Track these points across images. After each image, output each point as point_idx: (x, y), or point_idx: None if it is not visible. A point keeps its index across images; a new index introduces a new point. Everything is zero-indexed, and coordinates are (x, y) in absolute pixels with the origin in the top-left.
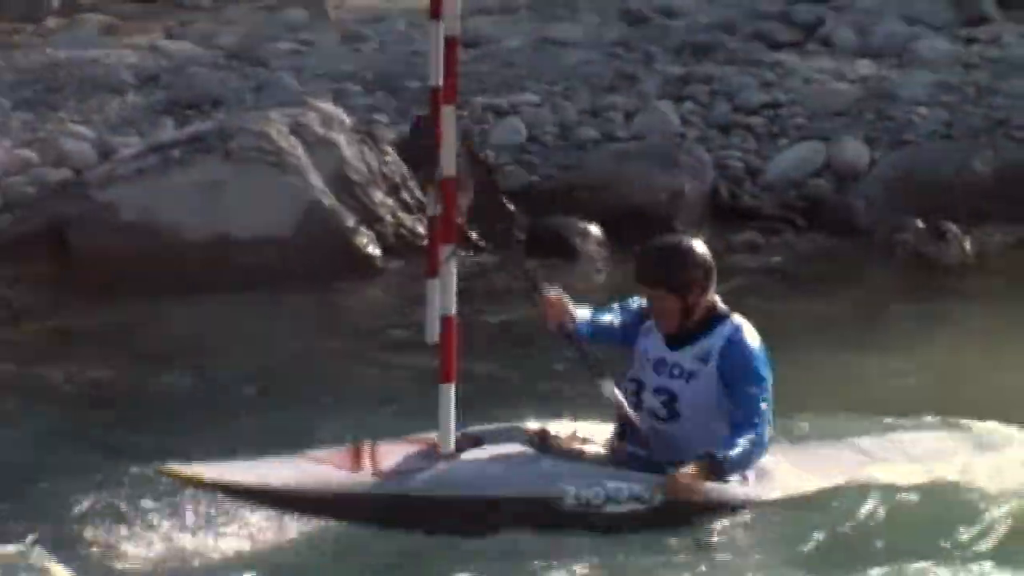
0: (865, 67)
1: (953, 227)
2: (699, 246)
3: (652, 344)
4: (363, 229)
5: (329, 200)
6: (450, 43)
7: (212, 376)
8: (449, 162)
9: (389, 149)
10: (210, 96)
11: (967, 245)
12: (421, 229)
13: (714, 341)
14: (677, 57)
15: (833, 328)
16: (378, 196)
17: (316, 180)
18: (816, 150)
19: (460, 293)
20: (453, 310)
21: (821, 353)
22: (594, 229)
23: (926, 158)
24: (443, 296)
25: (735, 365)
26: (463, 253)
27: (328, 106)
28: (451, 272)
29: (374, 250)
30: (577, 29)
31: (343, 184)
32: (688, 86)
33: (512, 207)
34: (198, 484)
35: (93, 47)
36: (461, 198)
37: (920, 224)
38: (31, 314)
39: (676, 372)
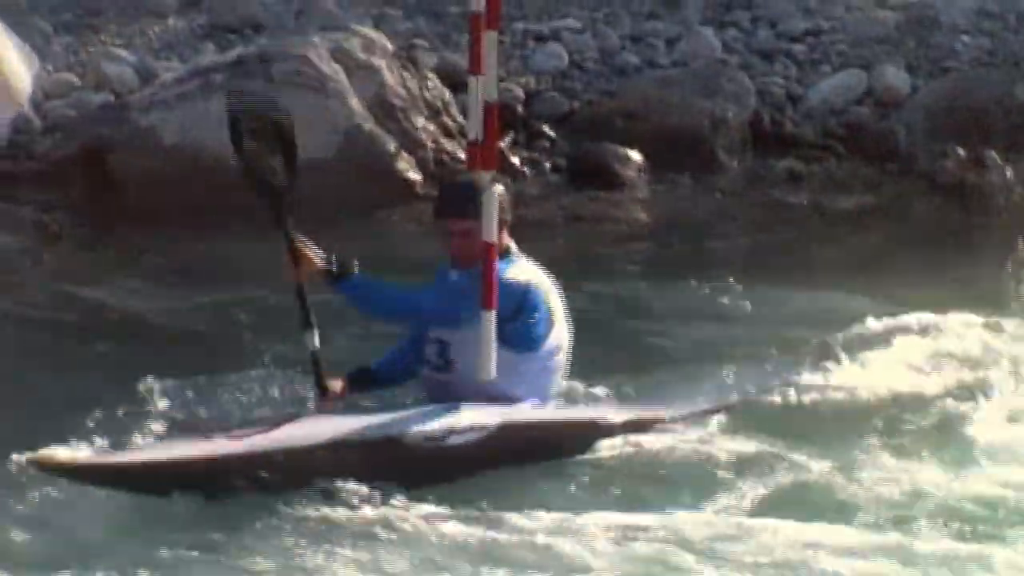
0: None
1: (994, 154)
2: (498, 184)
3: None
4: (404, 154)
5: (369, 125)
6: None
7: (251, 302)
8: (491, 88)
9: (430, 74)
10: (252, 20)
11: (1008, 172)
12: (462, 155)
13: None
14: None
15: (870, 255)
16: (419, 121)
17: (357, 105)
18: (857, 77)
19: None
20: (493, 237)
21: (859, 281)
22: (635, 155)
23: (967, 86)
24: (484, 223)
25: (504, 305)
26: (504, 180)
27: (370, 31)
28: (492, 199)
29: (414, 175)
30: None
31: (384, 109)
32: (730, 12)
33: (552, 133)
34: (70, 470)
35: None
36: None
37: (961, 151)
38: (70, 237)
39: (471, 316)
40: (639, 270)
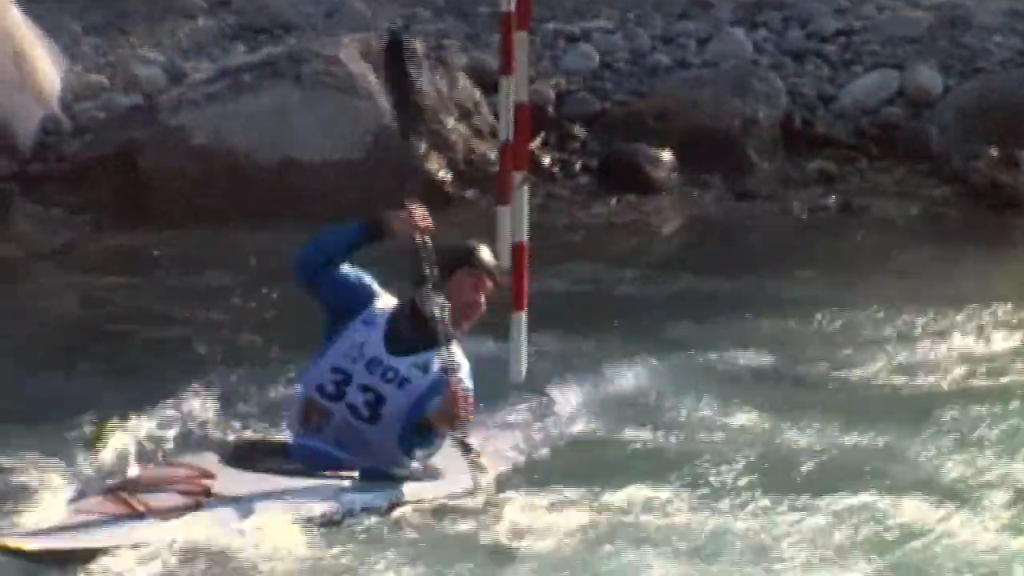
0: None
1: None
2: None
3: (370, 339)
4: (434, 155)
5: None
6: None
7: (284, 302)
8: (522, 89)
9: (460, 75)
10: (281, 20)
11: None
12: (492, 155)
13: (436, 358)
14: None
15: (903, 256)
16: (449, 122)
17: (387, 105)
18: (890, 77)
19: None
20: (525, 237)
21: (892, 283)
22: (666, 155)
23: (999, 86)
24: (514, 223)
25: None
26: (535, 180)
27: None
28: (523, 199)
29: (445, 175)
30: None
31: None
32: (761, 13)
33: (583, 134)
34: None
35: None
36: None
37: (993, 151)
38: (100, 237)
39: (390, 376)
40: (667, 272)
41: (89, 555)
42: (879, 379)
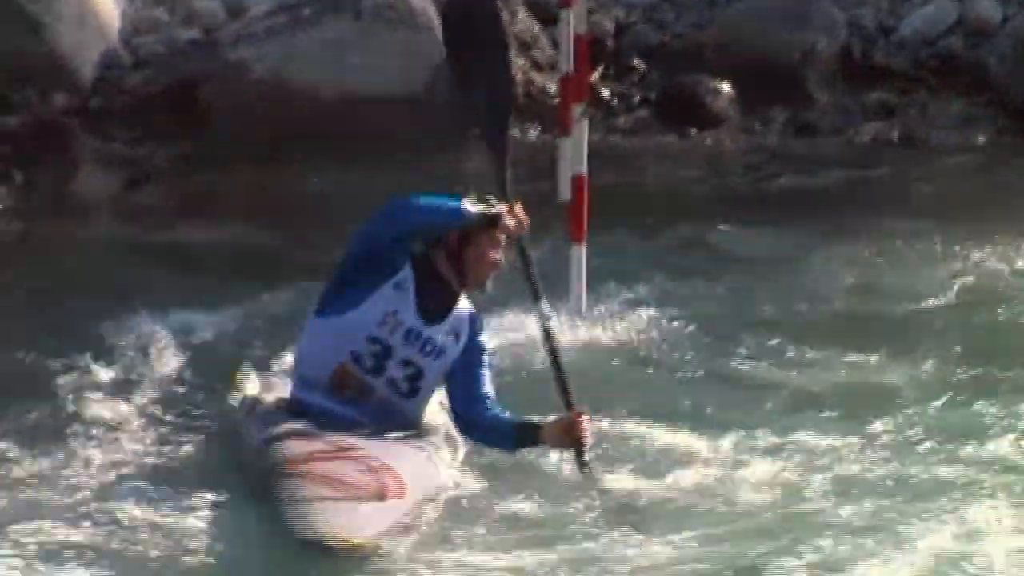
0: None
1: None
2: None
3: (403, 307)
4: None
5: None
6: None
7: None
8: (581, 21)
9: (520, 8)
10: None
11: None
12: (553, 87)
13: (461, 315)
14: None
15: (965, 192)
16: (509, 56)
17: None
18: (949, 7)
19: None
20: (584, 169)
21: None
22: (726, 87)
23: None
24: (574, 155)
25: (482, 345)
26: (594, 112)
27: None
28: (583, 131)
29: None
30: None
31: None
32: None
33: (643, 66)
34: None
35: None
36: None
37: None
38: (160, 172)
39: (428, 348)
40: (724, 207)
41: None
42: (948, 315)
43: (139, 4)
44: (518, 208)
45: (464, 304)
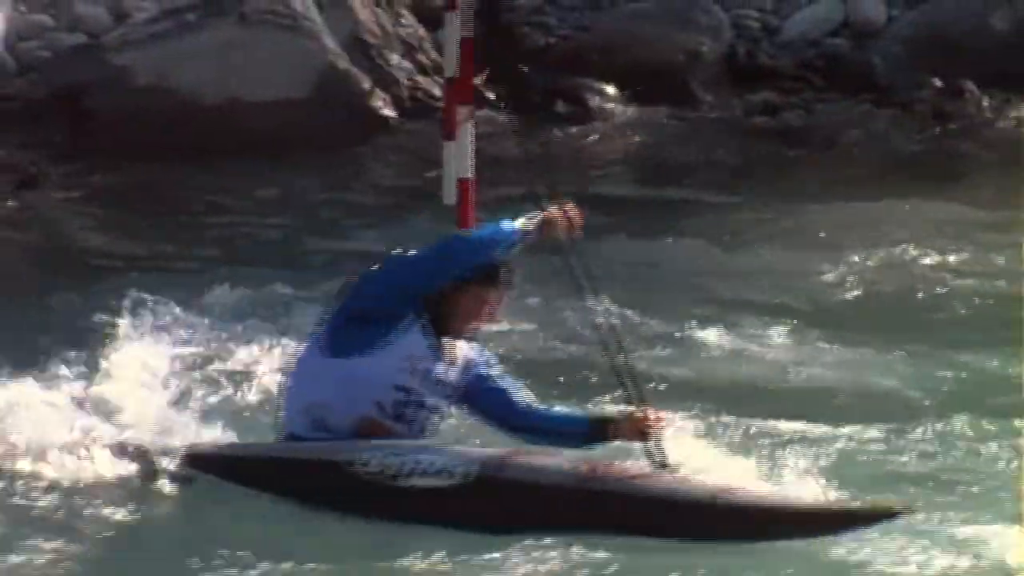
0: None
1: (970, 84)
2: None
3: (418, 348)
4: (379, 92)
5: (344, 63)
6: None
7: (229, 237)
8: (467, 24)
9: (405, 11)
10: None
11: (984, 102)
12: (437, 91)
13: (469, 353)
14: None
15: (848, 187)
16: (394, 58)
17: (331, 43)
18: (834, 7)
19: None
20: (470, 173)
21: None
22: (610, 89)
23: (944, 16)
24: (459, 158)
25: (495, 363)
26: (479, 115)
27: None
28: (468, 135)
29: (389, 112)
30: None
31: (358, 47)
32: None
33: (527, 69)
34: None
35: None
36: None
37: (937, 82)
38: (46, 176)
39: (450, 392)
40: (614, 203)
41: None
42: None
43: (24, 9)
44: (569, 207)
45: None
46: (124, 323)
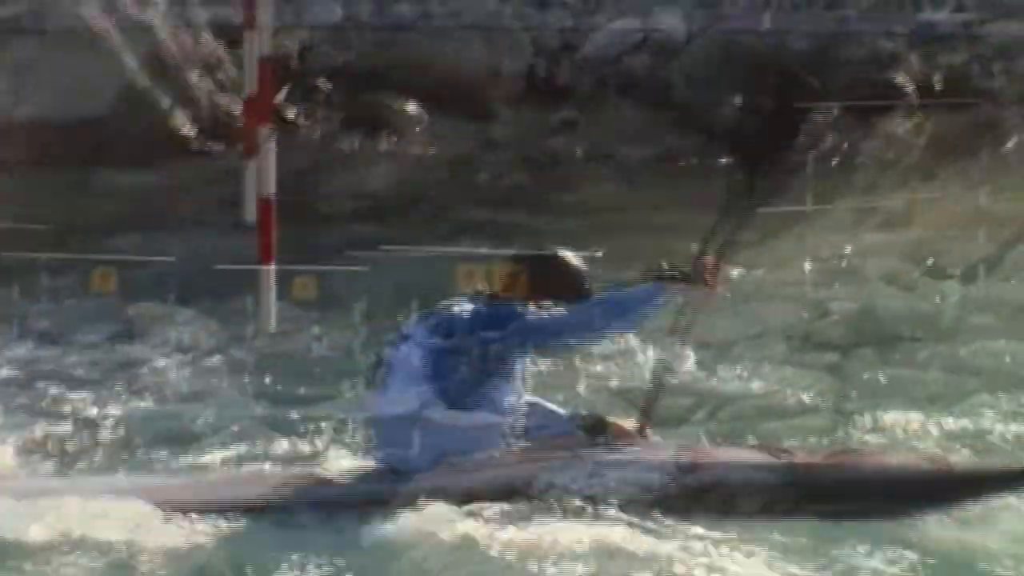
0: None
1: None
2: None
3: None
4: (178, 110)
5: (144, 82)
6: None
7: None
8: (265, 44)
9: (204, 31)
10: None
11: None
12: (238, 110)
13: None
14: None
15: (643, 204)
16: (193, 77)
17: (131, 61)
18: (633, 26)
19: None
20: (272, 191)
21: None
22: (411, 107)
23: (743, 35)
24: (261, 177)
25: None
26: (280, 133)
27: None
28: (269, 154)
29: (190, 131)
30: None
31: (158, 66)
32: None
33: (328, 87)
34: None
35: None
36: None
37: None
38: None
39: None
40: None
41: None
42: None
43: None
44: (715, 266)
45: None
46: None
